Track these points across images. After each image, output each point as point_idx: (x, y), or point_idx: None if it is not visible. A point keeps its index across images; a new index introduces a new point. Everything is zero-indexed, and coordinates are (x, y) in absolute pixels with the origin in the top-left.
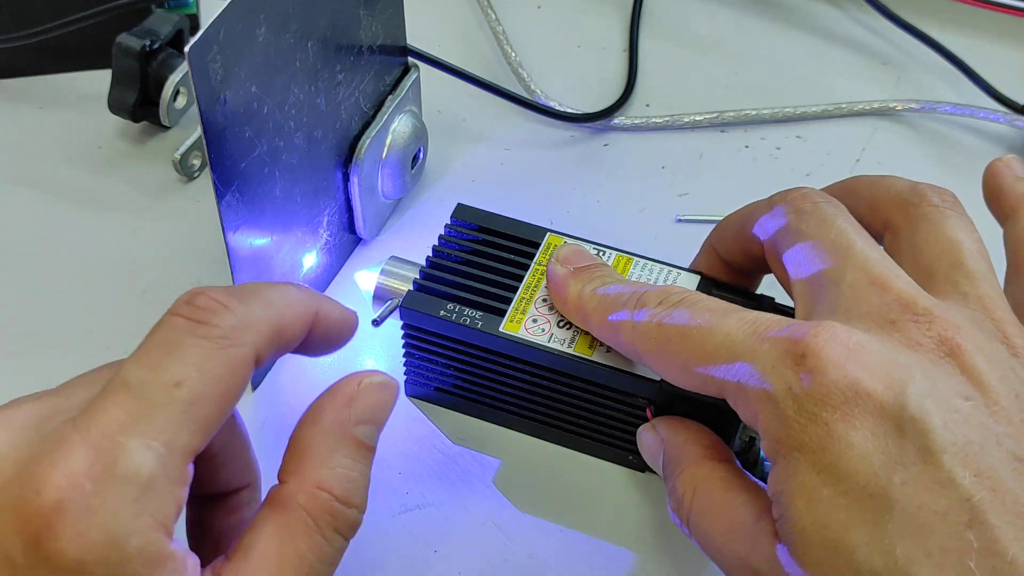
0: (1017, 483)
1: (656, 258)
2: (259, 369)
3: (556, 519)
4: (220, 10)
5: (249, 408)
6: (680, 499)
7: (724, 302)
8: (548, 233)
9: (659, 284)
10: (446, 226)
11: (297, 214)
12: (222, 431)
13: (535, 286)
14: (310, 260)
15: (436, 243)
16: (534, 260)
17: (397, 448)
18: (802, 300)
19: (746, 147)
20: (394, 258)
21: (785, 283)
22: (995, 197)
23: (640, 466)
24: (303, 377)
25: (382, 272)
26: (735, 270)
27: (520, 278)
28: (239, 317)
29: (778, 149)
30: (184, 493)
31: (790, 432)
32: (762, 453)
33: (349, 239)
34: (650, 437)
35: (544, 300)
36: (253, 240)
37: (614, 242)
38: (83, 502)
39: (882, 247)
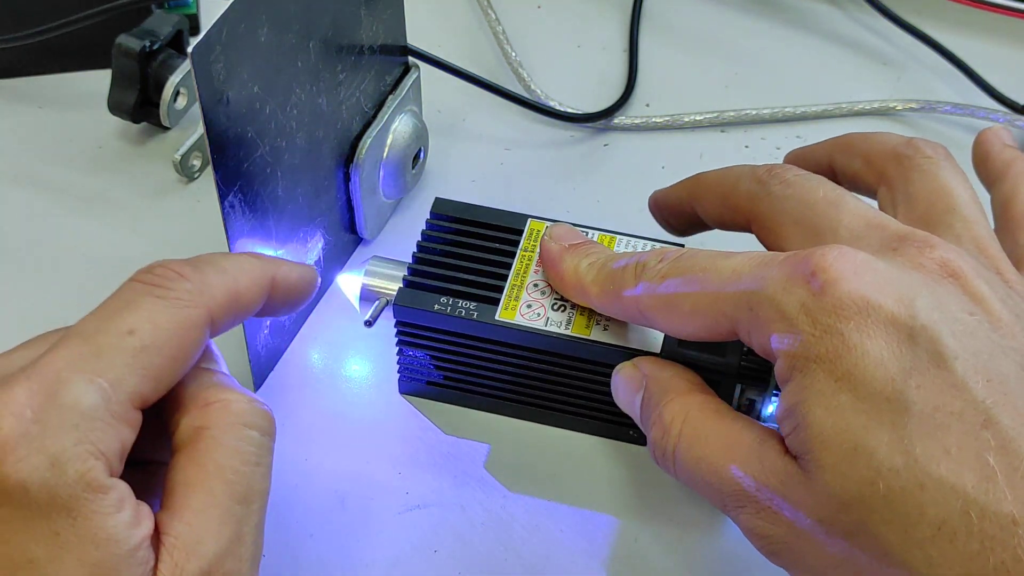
0: None
1: (637, 234)
2: (260, 368)
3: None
4: (222, 10)
5: None
6: (667, 427)
7: (722, 251)
8: (529, 219)
9: None
10: (427, 221)
11: (298, 214)
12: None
13: (524, 272)
14: (311, 260)
15: (420, 239)
16: (519, 247)
17: (397, 448)
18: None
19: (746, 147)
20: (376, 258)
21: (780, 249)
22: (983, 163)
23: (641, 440)
24: (303, 377)
25: (366, 273)
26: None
27: (508, 266)
28: (193, 283)
29: (778, 149)
30: (129, 434)
31: (806, 346)
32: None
33: (350, 239)
34: (631, 372)
35: (535, 285)
36: (255, 240)
37: None
38: (22, 428)
39: (876, 201)
